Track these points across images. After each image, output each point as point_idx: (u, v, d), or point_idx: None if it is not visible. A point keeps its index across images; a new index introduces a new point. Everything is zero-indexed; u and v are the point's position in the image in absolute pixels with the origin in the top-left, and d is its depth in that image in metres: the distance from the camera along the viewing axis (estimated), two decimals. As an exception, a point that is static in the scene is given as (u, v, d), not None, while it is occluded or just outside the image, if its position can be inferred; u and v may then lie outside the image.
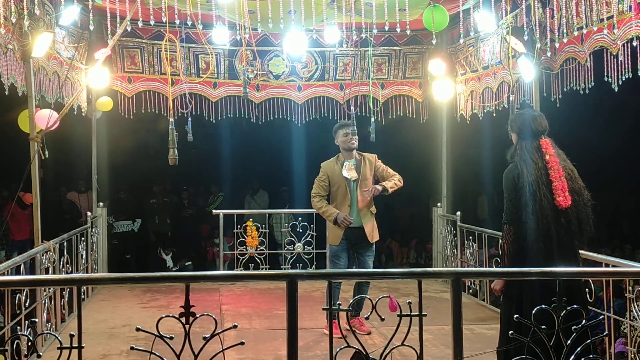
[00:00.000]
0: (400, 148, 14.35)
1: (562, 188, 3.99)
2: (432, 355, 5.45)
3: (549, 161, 4.04)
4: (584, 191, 4.11)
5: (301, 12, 6.36)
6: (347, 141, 6.24)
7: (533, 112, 4.56)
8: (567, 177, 4.04)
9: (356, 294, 6.14)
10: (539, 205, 3.94)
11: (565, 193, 3.99)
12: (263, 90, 8.83)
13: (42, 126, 5.96)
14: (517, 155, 4.17)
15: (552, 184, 3.98)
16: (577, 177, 4.11)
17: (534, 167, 4.02)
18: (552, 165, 4.02)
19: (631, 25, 4.87)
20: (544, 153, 4.07)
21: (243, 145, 15.05)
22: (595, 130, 13.72)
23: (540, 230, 3.94)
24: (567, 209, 3.99)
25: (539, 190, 3.96)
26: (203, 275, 3.59)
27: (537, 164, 4.03)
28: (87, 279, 3.45)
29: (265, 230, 8.89)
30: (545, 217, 3.94)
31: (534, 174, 4.00)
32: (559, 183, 3.99)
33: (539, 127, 4.18)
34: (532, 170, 4.01)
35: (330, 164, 6.33)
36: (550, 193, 3.96)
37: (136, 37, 8.29)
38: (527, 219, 3.97)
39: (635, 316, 4.92)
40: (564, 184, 4.00)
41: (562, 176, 4.01)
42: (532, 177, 3.99)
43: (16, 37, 5.50)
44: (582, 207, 4.07)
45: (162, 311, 6.61)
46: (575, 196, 4.05)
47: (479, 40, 7.59)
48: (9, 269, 5.07)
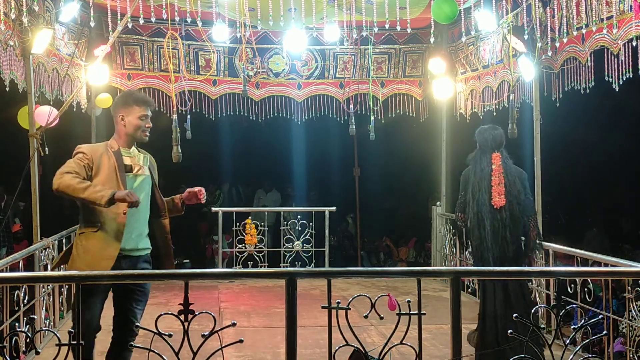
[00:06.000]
0: (400, 147, 14.35)
1: (498, 192, 5.13)
2: (431, 354, 5.45)
3: (494, 170, 5.17)
4: (519, 195, 5.19)
5: (301, 9, 6.36)
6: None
7: (494, 130, 5.35)
8: (506, 183, 5.15)
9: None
10: (477, 203, 5.16)
11: (501, 196, 5.12)
12: (263, 88, 8.82)
13: (41, 123, 5.95)
14: (473, 161, 5.31)
15: (491, 188, 5.14)
16: (516, 184, 5.19)
17: (480, 174, 5.20)
18: (495, 173, 5.16)
19: (632, 25, 4.87)
20: (492, 163, 5.19)
21: (243, 142, 15.05)
22: (596, 130, 13.72)
23: (476, 221, 5.18)
24: (502, 207, 5.12)
25: (479, 191, 5.17)
26: (202, 272, 3.58)
27: (484, 172, 5.19)
28: (86, 276, 3.44)
29: (264, 228, 8.89)
30: (480, 212, 5.15)
31: (478, 179, 5.19)
32: (497, 188, 5.13)
33: (493, 143, 5.24)
34: (478, 176, 5.20)
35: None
36: (488, 195, 5.14)
37: (136, 34, 8.28)
38: (469, 211, 5.24)
39: (633, 316, 4.93)
40: (502, 189, 5.13)
41: (501, 182, 5.14)
42: (477, 181, 5.19)
43: (16, 33, 5.49)
44: (515, 206, 5.16)
45: (160, 308, 6.61)
46: (511, 198, 5.14)
47: (480, 39, 7.58)
48: (7, 266, 5.07)
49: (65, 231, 6.79)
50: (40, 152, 5.86)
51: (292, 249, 8.95)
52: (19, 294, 5.28)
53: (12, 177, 10.94)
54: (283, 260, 8.93)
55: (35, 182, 5.93)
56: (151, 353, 3.02)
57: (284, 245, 9.01)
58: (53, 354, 3.00)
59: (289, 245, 8.98)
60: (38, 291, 5.81)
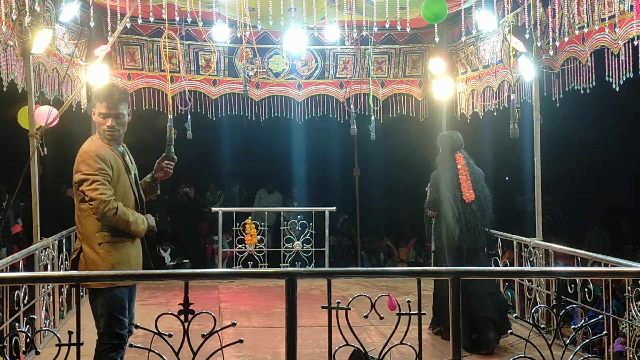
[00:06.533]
0: (400, 147, 14.36)
1: (467, 187, 5.76)
2: (431, 354, 5.45)
3: (459, 169, 5.81)
4: (484, 190, 5.86)
5: (302, 9, 6.35)
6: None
7: (453, 134, 6.09)
8: (472, 179, 5.79)
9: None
10: (453, 198, 5.73)
11: (470, 191, 5.75)
12: (263, 88, 8.81)
13: (41, 123, 5.94)
14: (440, 163, 5.95)
15: (460, 185, 5.75)
16: (480, 180, 5.86)
17: (448, 174, 5.83)
18: (461, 171, 5.80)
19: (632, 25, 4.86)
20: (457, 163, 5.84)
21: (243, 142, 15.05)
22: (596, 130, 13.72)
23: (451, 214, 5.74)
24: (472, 201, 5.75)
25: (452, 188, 5.76)
26: (202, 273, 3.58)
27: (452, 171, 5.82)
28: (86, 276, 3.44)
29: (264, 228, 8.89)
30: (456, 206, 5.72)
31: (449, 178, 5.81)
32: (466, 184, 5.76)
33: (455, 145, 5.93)
34: (448, 176, 5.82)
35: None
36: (459, 191, 5.74)
37: (136, 34, 8.27)
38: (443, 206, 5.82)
39: (634, 316, 4.92)
40: (470, 184, 5.77)
41: (468, 179, 5.78)
42: (448, 179, 5.81)
43: (16, 33, 5.48)
44: (483, 200, 5.81)
45: (160, 308, 6.62)
46: (478, 193, 5.78)
47: (480, 39, 7.58)
48: (7, 266, 5.07)
49: (65, 231, 6.79)
50: (40, 152, 5.86)
51: (292, 249, 8.95)
52: (19, 294, 5.28)
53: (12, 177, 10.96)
54: (283, 260, 8.93)
55: (35, 182, 5.93)
56: (151, 353, 3.02)
57: (284, 245, 9.01)
58: (53, 354, 2.99)
59: (289, 245, 8.98)
60: (38, 291, 5.81)
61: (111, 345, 3.87)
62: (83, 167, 3.89)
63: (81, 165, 3.90)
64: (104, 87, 4.36)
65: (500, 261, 7.37)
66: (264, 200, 13.23)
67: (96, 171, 3.85)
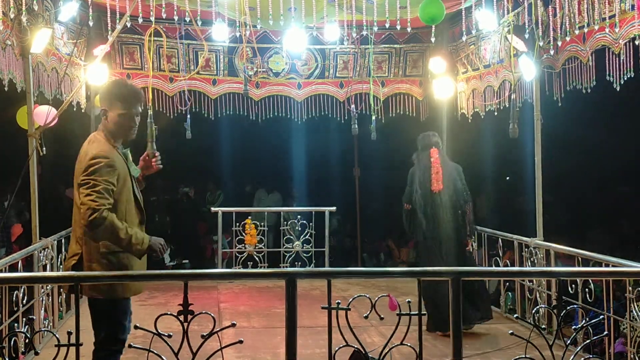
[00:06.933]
0: (400, 146, 14.33)
1: (437, 179, 6.26)
2: (432, 354, 5.43)
3: (432, 162, 6.35)
4: (457, 182, 6.35)
5: (301, 9, 6.35)
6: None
7: (429, 133, 6.68)
8: (444, 172, 6.31)
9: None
10: (422, 189, 6.30)
11: (439, 182, 6.25)
12: (263, 87, 8.80)
13: (40, 122, 5.93)
14: (416, 159, 6.52)
15: (431, 177, 6.30)
16: (452, 173, 6.37)
17: (422, 167, 6.40)
18: (434, 164, 6.33)
19: (633, 24, 4.84)
20: (431, 157, 6.38)
21: (243, 142, 15.04)
22: (597, 130, 13.71)
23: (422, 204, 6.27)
24: (440, 191, 6.26)
25: (423, 180, 6.32)
26: (202, 273, 3.58)
27: (426, 165, 6.38)
28: (85, 277, 3.42)
29: (264, 228, 8.87)
30: (425, 196, 6.27)
31: (422, 171, 6.38)
32: (436, 176, 6.28)
33: (429, 142, 6.49)
34: (421, 169, 6.39)
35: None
36: (429, 182, 6.29)
37: (135, 34, 8.25)
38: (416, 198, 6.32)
39: (635, 316, 4.91)
40: (440, 177, 6.27)
41: (439, 171, 6.29)
42: (421, 173, 6.38)
43: (15, 32, 5.47)
44: (451, 190, 6.29)
45: (160, 309, 6.60)
46: (447, 183, 6.28)
47: (480, 39, 7.56)
48: (6, 266, 5.05)
49: (64, 231, 6.77)
50: (39, 152, 5.84)
51: (292, 249, 8.93)
52: (18, 294, 5.27)
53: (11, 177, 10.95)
54: (283, 261, 8.92)
55: (34, 182, 5.91)
56: (150, 354, 3.00)
57: (284, 246, 9.00)
58: (52, 354, 2.98)
59: (289, 246, 8.97)
60: (37, 291, 5.80)
61: (112, 351, 3.82)
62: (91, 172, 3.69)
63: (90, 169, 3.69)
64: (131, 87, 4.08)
65: (501, 261, 7.36)
66: (263, 200, 13.21)
67: (102, 180, 3.68)
